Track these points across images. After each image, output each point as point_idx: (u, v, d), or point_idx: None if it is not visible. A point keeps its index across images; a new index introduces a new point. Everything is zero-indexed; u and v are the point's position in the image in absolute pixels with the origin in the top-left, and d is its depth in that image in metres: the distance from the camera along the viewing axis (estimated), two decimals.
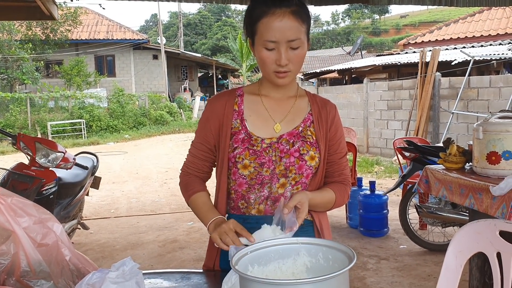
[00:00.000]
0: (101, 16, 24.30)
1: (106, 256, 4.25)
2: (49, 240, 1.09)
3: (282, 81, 1.40)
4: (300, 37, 1.34)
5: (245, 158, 1.42)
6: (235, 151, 1.43)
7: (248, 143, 1.43)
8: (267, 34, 1.33)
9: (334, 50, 42.06)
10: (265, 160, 1.42)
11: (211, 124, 1.50)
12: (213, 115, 1.50)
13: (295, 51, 1.35)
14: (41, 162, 3.54)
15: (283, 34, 1.32)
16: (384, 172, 8.46)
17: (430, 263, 3.86)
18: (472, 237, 1.67)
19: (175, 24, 47.33)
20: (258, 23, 1.35)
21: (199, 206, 1.48)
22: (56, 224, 1.14)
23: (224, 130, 1.46)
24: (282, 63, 1.34)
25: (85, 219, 5.48)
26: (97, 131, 16.51)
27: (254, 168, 1.42)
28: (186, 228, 5.10)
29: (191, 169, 1.56)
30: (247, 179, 1.44)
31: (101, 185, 5.57)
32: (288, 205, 1.28)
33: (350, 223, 4.96)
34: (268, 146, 1.43)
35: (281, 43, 1.32)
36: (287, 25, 1.32)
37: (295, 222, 1.27)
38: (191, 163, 1.56)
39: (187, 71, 28.05)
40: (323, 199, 1.46)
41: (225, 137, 1.46)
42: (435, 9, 53.34)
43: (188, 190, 1.52)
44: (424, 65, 8.96)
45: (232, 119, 1.47)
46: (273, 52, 1.34)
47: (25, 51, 17.75)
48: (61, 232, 1.13)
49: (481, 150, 2.60)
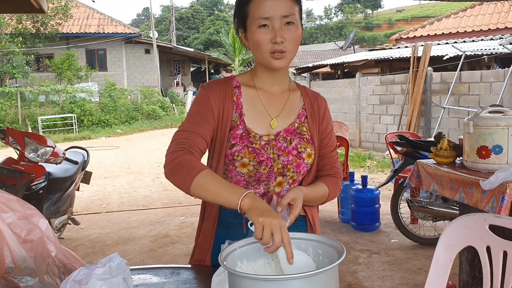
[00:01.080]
0: (92, 10, 24.06)
1: (97, 252, 4.23)
2: (34, 236, 1.07)
3: (278, 63, 1.34)
4: (293, 13, 1.32)
5: (244, 156, 1.36)
6: (234, 148, 1.36)
7: (247, 140, 1.37)
8: (259, 11, 1.30)
9: (327, 45, 42.03)
10: (264, 158, 1.38)
11: (212, 104, 1.37)
12: (214, 98, 1.38)
13: (290, 28, 1.31)
14: (30, 157, 3.50)
15: (276, 10, 1.29)
16: (376, 166, 8.48)
17: (421, 256, 3.88)
18: (462, 231, 1.68)
19: (167, 18, 47.04)
20: (250, 3, 1.32)
21: (214, 181, 1.20)
22: (41, 219, 1.12)
23: (224, 121, 1.38)
24: (277, 39, 1.29)
25: (76, 214, 5.45)
26: (88, 126, 16.39)
27: (253, 167, 1.37)
28: (178, 223, 5.09)
29: (187, 145, 1.30)
30: (245, 176, 1.39)
31: (93, 180, 5.55)
32: (282, 202, 1.25)
33: (342, 217, 4.97)
34: (266, 144, 1.39)
35: (275, 19, 1.29)
36: (281, 2, 1.30)
37: (287, 219, 1.25)
38: (186, 139, 1.32)
39: (180, 66, 27.91)
40: (317, 193, 1.44)
41: (225, 129, 1.38)
42: (427, 4, 53.48)
43: (191, 167, 1.23)
44: (416, 60, 8.98)
45: (232, 111, 1.40)
46: (267, 30, 1.30)
47: (15, 44, 17.53)
48: (47, 228, 1.11)
49: (472, 145, 2.61)
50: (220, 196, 1.18)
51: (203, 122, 1.36)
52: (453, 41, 11.70)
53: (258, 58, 1.38)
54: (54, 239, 1.13)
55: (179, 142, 1.32)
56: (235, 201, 1.15)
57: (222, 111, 1.38)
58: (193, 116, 1.38)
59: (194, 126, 1.35)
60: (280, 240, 1.06)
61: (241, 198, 1.14)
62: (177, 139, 1.33)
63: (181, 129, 1.36)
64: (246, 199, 1.14)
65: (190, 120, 1.37)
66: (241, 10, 1.36)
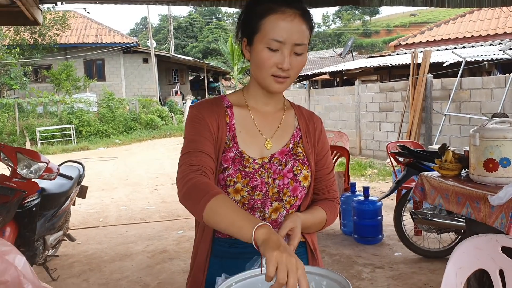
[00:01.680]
0: (90, 20, 24.09)
1: (93, 269, 4.12)
2: (8, 276, 0.97)
3: (278, 87, 1.27)
4: (305, 43, 1.25)
5: (237, 181, 1.26)
6: (226, 173, 1.27)
7: (239, 164, 1.28)
8: (273, 33, 1.21)
9: (325, 52, 42.07)
10: (258, 183, 1.28)
11: (209, 124, 1.29)
12: (209, 117, 1.30)
13: (297, 57, 1.25)
14: (23, 173, 3.40)
15: (291, 36, 1.21)
16: (377, 175, 8.38)
17: (426, 270, 3.77)
18: (472, 253, 1.59)
19: (166, 27, 47.14)
20: (264, 19, 1.23)
21: (231, 206, 1.09)
22: (18, 256, 1.02)
23: (217, 143, 1.29)
24: (284, 66, 1.22)
25: (73, 228, 5.35)
26: (86, 136, 16.31)
27: (247, 193, 1.28)
28: (176, 237, 4.98)
29: (199, 165, 1.20)
30: (238, 204, 1.29)
31: (91, 192, 5.45)
32: (279, 233, 1.16)
33: (344, 230, 4.86)
34: (260, 167, 1.30)
35: (287, 45, 1.22)
36: (296, 27, 1.22)
37: None
38: (196, 159, 1.22)
39: (178, 75, 27.88)
40: (315, 220, 1.35)
41: (218, 151, 1.28)
42: (425, 10, 53.67)
43: (207, 190, 1.12)
44: (415, 66, 8.91)
45: (226, 133, 1.31)
46: (275, 53, 1.23)
47: (13, 56, 17.51)
48: (24, 265, 1.02)
49: (478, 157, 2.52)
50: (234, 225, 1.06)
51: (204, 141, 1.26)
52: (453, 47, 11.65)
53: (258, 77, 1.30)
54: (32, 277, 1.03)
55: (189, 164, 1.22)
56: (249, 231, 1.02)
57: (218, 132, 1.30)
58: (192, 137, 1.28)
59: (196, 145, 1.26)
60: (295, 283, 0.92)
61: (255, 228, 1.02)
62: (185, 162, 1.23)
63: (185, 151, 1.26)
64: (260, 230, 1.01)
65: (191, 141, 1.28)
66: (252, 21, 1.26)
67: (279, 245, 0.97)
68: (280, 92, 1.31)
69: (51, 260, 4.18)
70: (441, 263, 3.78)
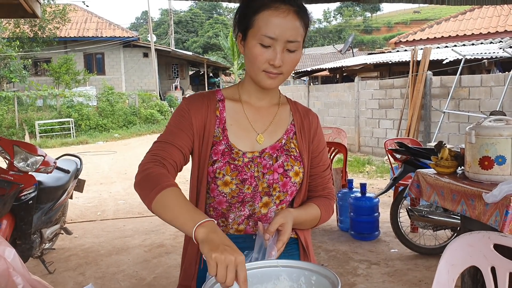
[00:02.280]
0: (90, 13, 24.03)
1: (90, 262, 4.13)
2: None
3: (270, 82, 1.27)
4: (298, 40, 1.24)
5: (226, 174, 1.27)
6: (215, 165, 1.28)
7: (229, 157, 1.28)
8: (266, 29, 1.20)
9: (326, 48, 42.00)
10: (247, 176, 1.29)
11: (192, 119, 1.30)
12: (195, 113, 1.31)
13: (290, 54, 1.24)
14: (19, 166, 3.40)
15: (284, 32, 1.20)
16: (375, 172, 8.39)
17: (421, 267, 3.78)
18: (465, 250, 1.60)
19: (166, 21, 47.03)
20: (257, 15, 1.22)
21: (178, 201, 1.09)
22: (8, 248, 1.02)
23: (206, 136, 1.30)
24: (276, 63, 1.22)
25: (70, 222, 5.36)
26: (86, 130, 16.30)
27: (236, 186, 1.28)
28: (173, 232, 4.98)
29: (161, 157, 1.22)
30: (228, 197, 1.29)
31: (89, 186, 5.46)
32: (269, 229, 1.17)
33: (341, 226, 4.87)
34: (250, 161, 1.30)
35: (279, 41, 1.21)
36: (290, 24, 1.21)
37: (274, 247, 1.16)
38: (163, 150, 1.24)
39: (178, 69, 27.84)
40: (308, 216, 1.34)
41: (207, 145, 1.30)
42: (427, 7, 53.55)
43: (159, 182, 1.12)
44: (415, 63, 8.90)
45: (215, 126, 1.32)
46: (267, 49, 1.22)
47: (13, 49, 17.47)
48: (14, 258, 1.02)
49: (474, 155, 2.52)
50: (177, 220, 1.06)
51: (180, 134, 1.29)
52: (453, 45, 11.64)
53: (250, 72, 1.30)
54: (22, 269, 1.04)
55: (153, 153, 1.25)
56: (190, 229, 1.02)
57: (203, 126, 1.31)
58: (170, 127, 1.32)
59: (170, 137, 1.28)
60: (232, 279, 0.94)
61: (195, 227, 1.01)
62: (151, 150, 1.27)
63: (158, 140, 1.30)
64: (201, 229, 1.01)
65: (167, 132, 1.31)
66: (246, 17, 1.26)
67: (219, 244, 0.97)
68: (272, 87, 1.31)
69: (48, 253, 4.19)
70: (437, 260, 3.77)
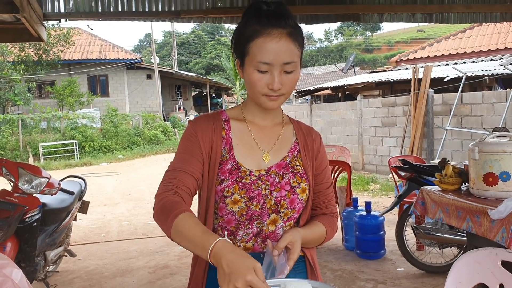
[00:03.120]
0: (94, 36, 24.33)
1: (93, 285, 4.10)
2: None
3: (272, 104, 1.29)
4: (295, 60, 1.26)
5: (234, 192, 1.28)
6: (223, 184, 1.29)
7: (236, 175, 1.30)
8: (261, 55, 1.23)
9: (327, 67, 42.29)
10: (255, 194, 1.30)
11: (201, 141, 1.32)
12: (203, 135, 1.33)
13: (289, 75, 1.26)
14: (24, 188, 3.41)
15: (279, 57, 1.22)
16: (380, 190, 8.35)
17: (428, 286, 3.74)
18: (472, 267, 1.59)
19: (169, 43, 47.55)
20: (251, 43, 1.24)
21: (191, 225, 1.12)
22: (15, 270, 1.03)
23: (212, 157, 1.32)
24: (275, 87, 1.24)
25: (74, 244, 5.34)
26: (90, 152, 16.35)
27: (244, 204, 1.29)
28: (178, 253, 4.95)
29: (173, 185, 1.25)
30: (236, 215, 1.30)
31: (93, 207, 5.45)
32: (278, 246, 1.19)
33: (346, 245, 4.83)
34: (257, 179, 1.31)
35: (275, 66, 1.23)
36: (283, 47, 1.23)
37: (286, 265, 1.17)
38: (175, 179, 1.27)
39: (181, 90, 28.05)
40: (315, 235, 1.36)
41: (214, 166, 1.32)
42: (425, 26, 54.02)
43: (172, 210, 1.16)
44: (417, 81, 8.95)
45: (222, 147, 1.34)
46: (265, 75, 1.24)
47: (18, 72, 17.68)
48: (21, 279, 1.02)
49: (478, 171, 2.52)
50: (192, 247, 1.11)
51: (190, 160, 1.31)
52: (453, 62, 11.70)
53: (252, 96, 1.33)
54: None
55: (166, 183, 1.27)
56: (205, 257, 1.07)
57: (211, 147, 1.33)
58: (181, 154, 1.33)
59: (181, 164, 1.30)
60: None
61: (208, 255, 1.05)
62: (164, 180, 1.29)
63: (170, 168, 1.32)
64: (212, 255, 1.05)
65: (178, 158, 1.33)
66: (241, 44, 1.29)
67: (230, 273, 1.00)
68: (275, 108, 1.33)
69: (52, 275, 4.17)
70: (444, 278, 3.73)
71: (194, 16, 4.83)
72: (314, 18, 4.91)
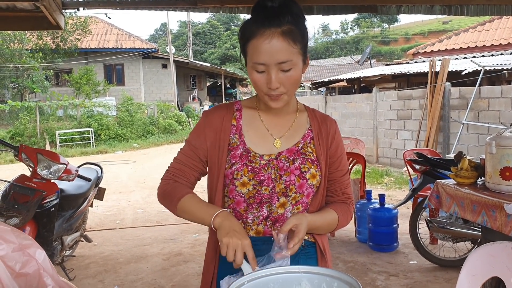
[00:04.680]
0: (111, 25, 24.48)
1: (109, 270, 4.18)
2: (29, 269, 1.01)
3: (275, 104, 1.32)
4: (291, 59, 1.25)
5: (243, 175, 1.34)
6: (233, 167, 1.35)
7: (246, 159, 1.35)
8: (255, 56, 1.25)
9: (343, 59, 41.97)
10: (264, 178, 1.34)
11: (206, 135, 1.42)
12: (210, 127, 1.42)
13: (286, 73, 1.26)
14: (42, 174, 3.48)
15: (272, 56, 1.23)
16: (394, 183, 8.32)
17: (441, 279, 3.73)
18: (486, 261, 1.59)
19: (185, 33, 47.63)
20: (248, 44, 1.27)
21: (194, 204, 1.34)
22: (38, 250, 1.06)
23: (221, 144, 1.39)
24: (272, 86, 1.26)
25: (90, 230, 5.43)
26: (105, 140, 16.52)
27: (253, 186, 1.34)
28: (191, 241, 5.01)
29: (177, 177, 1.43)
30: (245, 197, 1.35)
31: (108, 195, 5.53)
32: (283, 229, 1.22)
33: (359, 237, 4.84)
34: (267, 163, 1.35)
35: (271, 66, 1.24)
36: (276, 47, 1.23)
37: (285, 247, 1.20)
38: (178, 171, 1.43)
39: (196, 80, 28.13)
40: (324, 221, 1.37)
41: (222, 152, 1.38)
42: (444, 18, 53.17)
43: (175, 194, 1.37)
44: (434, 74, 8.84)
45: (230, 134, 1.39)
46: (263, 74, 1.27)
47: (36, 60, 17.90)
48: (44, 259, 1.06)
49: (494, 165, 2.50)
50: (198, 217, 1.32)
51: (193, 156, 1.43)
52: (472, 56, 11.53)
53: (258, 94, 1.37)
54: (51, 271, 1.07)
55: (171, 172, 1.45)
56: (208, 221, 1.27)
57: (218, 136, 1.40)
58: (187, 146, 1.46)
59: (186, 158, 1.44)
60: (241, 259, 1.17)
61: (212, 218, 1.26)
62: (171, 168, 1.46)
63: (177, 158, 1.47)
64: (217, 218, 1.26)
65: (184, 151, 1.46)
66: (242, 44, 1.32)
67: (228, 230, 1.21)
68: (278, 107, 1.35)
69: (68, 260, 4.26)
70: (457, 273, 3.71)
71: (211, 6, 4.83)
72: (331, 9, 4.87)
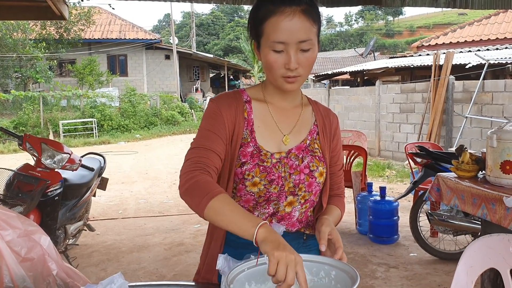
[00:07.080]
0: (114, 16, 24.43)
1: (111, 259, 4.22)
2: (34, 254, 1.04)
3: (290, 86, 1.27)
4: (311, 38, 1.22)
5: (255, 175, 1.29)
6: (244, 167, 1.29)
7: (258, 159, 1.30)
8: (275, 35, 1.20)
9: (347, 52, 41.80)
10: (275, 177, 1.31)
11: (225, 119, 1.30)
12: (227, 114, 1.31)
13: (305, 54, 1.23)
14: (46, 163, 3.51)
15: (293, 35, 1.19)
16: (395, 176, 8.33)
17: (440, 272, 3.76)
18: (484, 252, 1.60)
19: (188, 24, 47.48)
20: (265, 23, 1.23)
21: (232, 206, 1.13)
22: (43, 236, 1.09)
23: (235, 138, 1.31)
24: (291, 66, 1.21)
25: (93, 219, 5.47)
26: (108, 131, 16.57)
27: (264, 186, 1.31)
28: (193, 231, 5.05)
29: (204, 164, 1.22)
30: (255, 196, 1.32)
31: (110, 185, 5.57)
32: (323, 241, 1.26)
33: (359, 229, 4.87)
34: (278, 162, 1.32)
35: (291, 45, 1.20)
36: (298, 25, 1.20)
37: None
38: (201, 157, 1.23)
39: (199, 72, 28.09)
40: (335, 218, 1.42)
41: (235, 147, 1.30)
42: (449, 11, 52.80)
43: (207, 190, 1.15)
44: (437, 68, 8.82)
45: (244, 128, 1.33)
46: (281, 54, 1.22)
47: (39, 50, 17.92)
48: (49, 245, 1.08)
49: (495, 159, 2.51)
50: (234, 224, 1.11)
51: (216, 139, 1.27)
52: (476, 49, 11.48)
53: (270, 78, 1.32)
54: (56, 256, 1.10)
55: (194, 161, 1.24)
56: (250, 231, 1.08)
57: (234, 127, 1.31)
58: (205, 132, 1.30)
59: (207, 142, 1.27)
60: (293, 278, 0.98)
61: (257, 229, 1.07)
62: (191, 157, 1.25)
63: (194, 146, 1.28)
64: (261, 229, 1.07)
65: (203, 136, 1.29)
66: (255, 25, 1.28)
67: (279, 244, 1.03)
68: (293, 90, 1.31)
69: (71, 248, 4.31)
70: (456, 265, 3.76)
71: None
72: (335, 0, 4.85)
